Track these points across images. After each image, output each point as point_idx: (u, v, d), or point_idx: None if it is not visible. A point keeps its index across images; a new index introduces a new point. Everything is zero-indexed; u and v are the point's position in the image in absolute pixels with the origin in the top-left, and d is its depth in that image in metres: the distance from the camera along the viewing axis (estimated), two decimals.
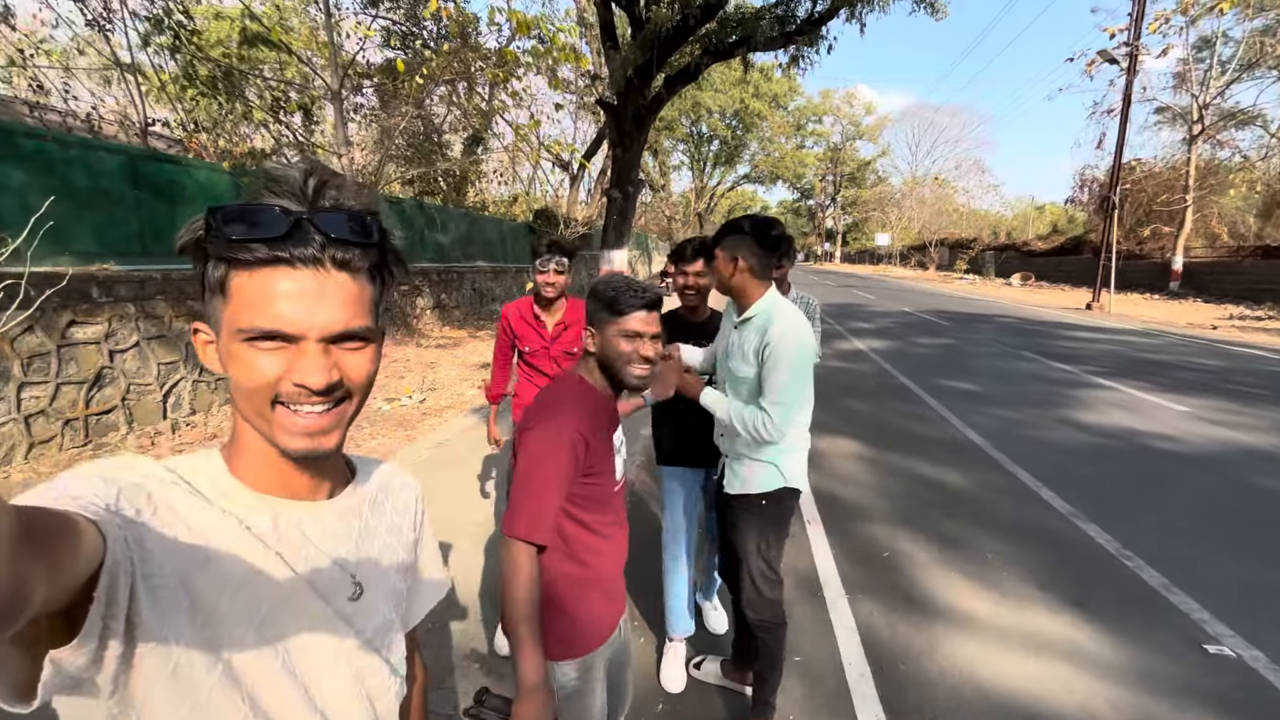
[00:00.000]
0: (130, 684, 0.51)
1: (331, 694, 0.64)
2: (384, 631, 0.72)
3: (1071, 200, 35.04)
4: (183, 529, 0.55)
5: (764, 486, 1.90)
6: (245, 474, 0.63)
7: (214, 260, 0.57)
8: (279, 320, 0.56)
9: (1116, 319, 15.71)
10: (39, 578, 0.36)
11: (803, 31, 11.28)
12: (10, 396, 4.31)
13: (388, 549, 0.75)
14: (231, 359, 0.57)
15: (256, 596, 0.59)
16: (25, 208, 4.10)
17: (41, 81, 7.44)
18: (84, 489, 0.50)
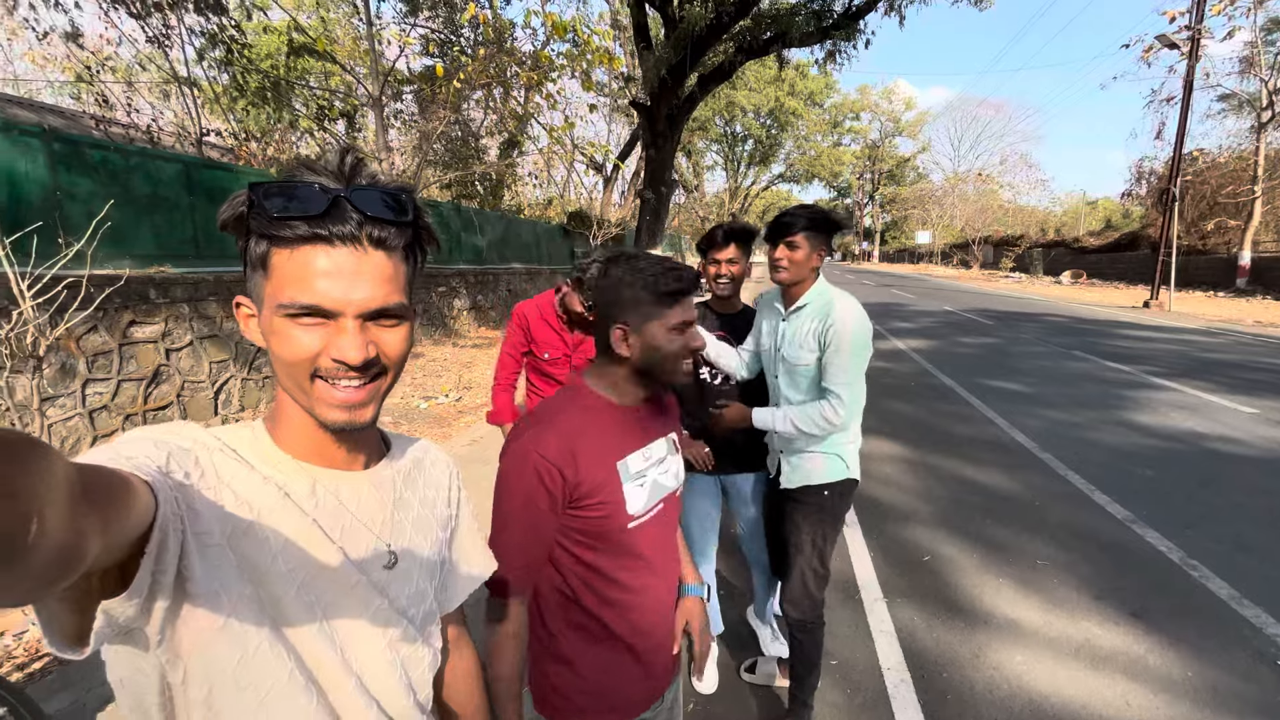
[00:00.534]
0: (178, 636, 0.53)
1: (366, 659, 0.66)
2: (418, 601, 0.73)
3: (1128, 194, 33.41)
4: (228, 493, 0.58)
5: (827, 477, 1.86)
6: (286, 443, 0.65)
7: (256, 236, 0.58)
8: (318, 296, 0.57)
9: (1177, 317, 14.90)
10: (95, 532, 0.37)
11: (839, 26, 11.09)
12: (77, 392, 4.56)
13: (421, 521, 0.76)
14: (273, 333, 0.59)
15: (295, 561, 0.61)
16: (90, 214, 4.34)
17: (107, 96, 7.89)
18: (138, 451, 0.52)
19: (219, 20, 7.85)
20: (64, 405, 4.48)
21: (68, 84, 11.94)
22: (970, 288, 26.73)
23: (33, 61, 13.17)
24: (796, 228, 1.77)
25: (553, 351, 2.32)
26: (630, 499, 1.05)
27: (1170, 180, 16.62)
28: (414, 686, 0.71)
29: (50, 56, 11.78)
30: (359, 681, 0.65)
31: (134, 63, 10.02)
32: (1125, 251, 30.59)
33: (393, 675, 0.68)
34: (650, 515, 1.09)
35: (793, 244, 1.79)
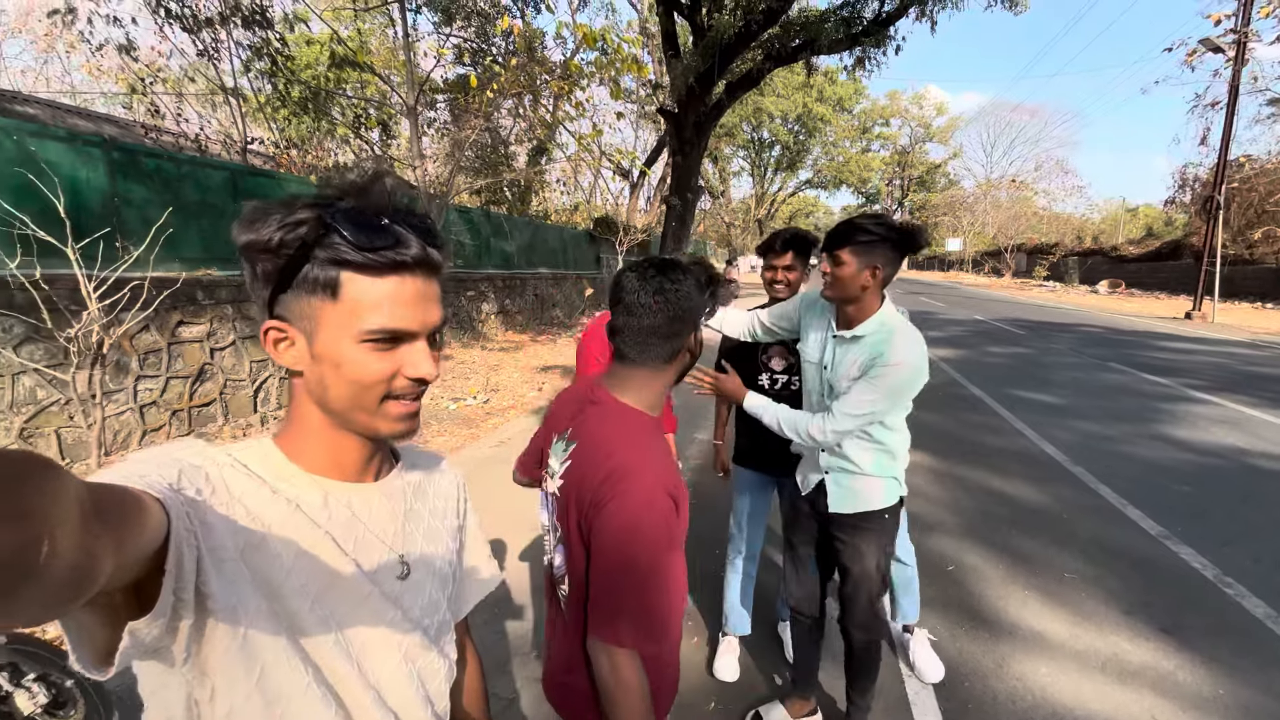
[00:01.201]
0: (203, 654, 0.55)
1: (383, 671, 0.67)
2: (431, 612, 0.74)
3: (1171, 201, 32.36)
4: (240, 509, 0.58)
5: (886, 501, 1.80)
6: (301, 457, 0.66)
7: (321, 261, 0.57)
8: (404, 320, 0.60)
9: (1220, 329, 14.38)
10: (107, 551, 0.38)
11: (869, 33, 11.03)
12: (129, 388, 4.80)
13: (432, 531, 0.77)
14: (343, 359, 0.60)
15: (308, 575, 0.61)
16: (144, 219, 4.59)
17: (158, 106, 8.27)
18: (149, 469, 0.52)
19: (265, 34, 8.19)
20: (118, 400, 4.72)
21: (120, 95, 12.51)
22: (1002, 296, 26.16)
23: (89, 73, 13.85)
24: (846, 241, 1.58)
25: None
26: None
27: (1215, 187, 16.08)
28: (431, 698, 0.72)
29: (105, 69, 12.37)
30: (377, 694, 0.66)
31: (183, 74, 10.48)
32: (1167, 260, 29.61)
33: (410, 687, 0.69)
34: None
35: (837, 259, 1.60)
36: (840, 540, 1.85)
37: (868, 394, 1.61)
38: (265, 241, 0.56)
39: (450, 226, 9.47)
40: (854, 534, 1.82)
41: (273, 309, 0.60)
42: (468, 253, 9.98)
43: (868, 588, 1.83)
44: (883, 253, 1.59)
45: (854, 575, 1.83)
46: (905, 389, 1.62)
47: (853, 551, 1.82)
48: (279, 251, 0.57)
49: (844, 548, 1.84)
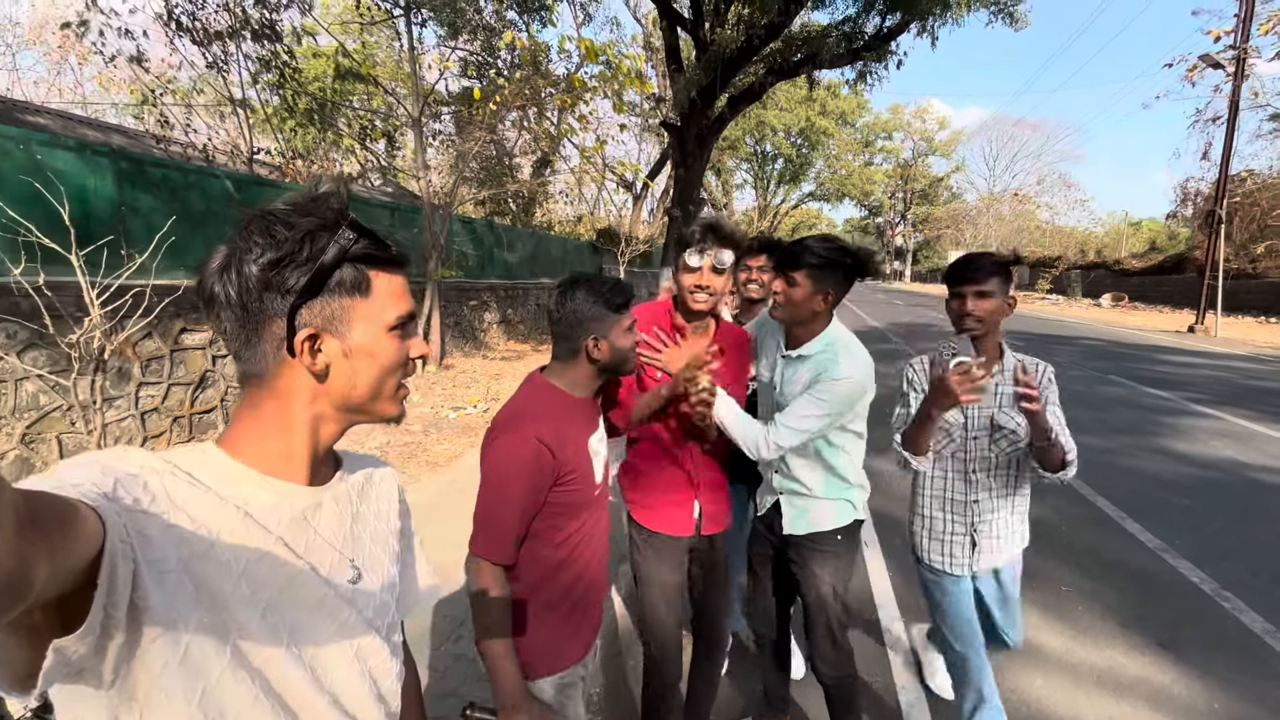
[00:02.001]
0: (133, 674, 0.51)
1: (337, 675, 0.67)
2: (382, 613, 0.74)
3: (1173, 215, 32.42)
4: (183, 517, 0.56)
5: (838, 522, 1.76)
6: (254, 459, 0.64)
7: (351, 263, 0.64)
8: (411, 307, 0.71)
9: (1223, 343, 14.34)
10: (41, 560, 0.36)
11: (871, 48, 11.15)
12: (130, 394, 4.84)
13: (379, 534, 0.78)
14: (377, 349, 0.67)
15: (260, 582, 0.60)
16: (150, 227, 4.64)
17: (168, 117, 8.39)
18: (83, 477, 0.50)
19: (273, 46, 8.32)
20: (120, 406, 4.75)
21: (130, 105, 12.69)
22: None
23: (100, 84, 14.06)
24: (800, 262, 1.57)
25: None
26: (596, 472, 1.31)
27: (1216, 202, 16.12)
28: (384, 697, 0.73)
29: (117, 79, 12.57)
30: (333, 698, 0.65)
31: (192, 86, 10.63)
32: (1170, 274, 29.59)
33: (364, 687, 0.69)
34: (603, 483, 1.35)
35: (791, 280, 1.59)
36: (794, 562, 1.82)
37: (809, 408, 1.59)
38: (303, 254, 0.60)
39: (454, 237, 9.54)
40: (808, 556, 1.78)
41: (294, 318, 0.62)
42: (471, 263, 10.04)
43: (825, 617, 1.78)
44: (835, 278, 1.59)
45: (810, 602, 1.80)
46: (847, 403, 1.60)
47: (808, 575, 1.78)
48: (311, 260, 0.61)
49: (799, 571, 1.81)
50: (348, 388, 0.66)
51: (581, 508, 1.28)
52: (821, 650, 1.82)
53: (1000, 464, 1.80)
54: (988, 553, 1.84)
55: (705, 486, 1.73)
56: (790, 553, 1.83)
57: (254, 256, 0.60)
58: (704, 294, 1.62)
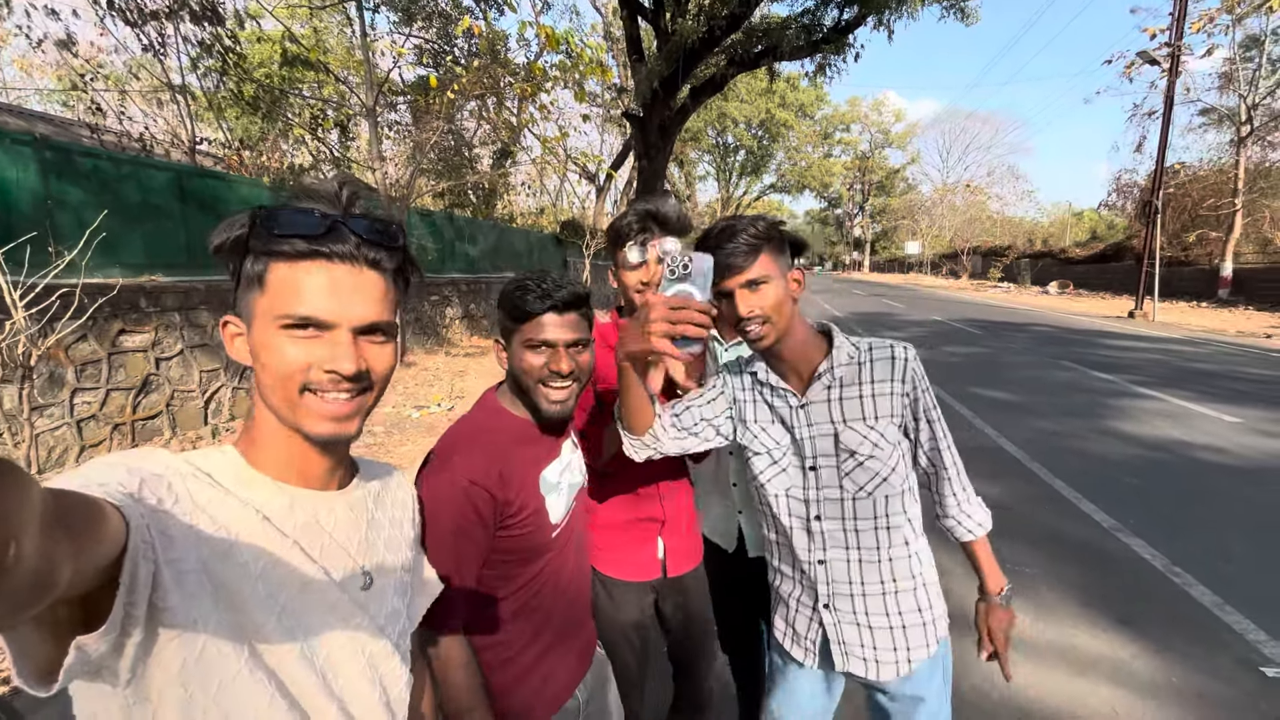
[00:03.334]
0: (148, 673, 0.52)
1: (347, 680, 0.66)
2: (394, 620, 0.75)
3: (1107, 205, 33.98)
4: (204, 519, 0.57)
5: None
6: (264, 464, 0.65)
7: (253, 255, 0.61)
8: (317, 309, 0.61)
9: (1161, 327, 15.13)
10: (67, 558, 0.37)
11: (829, 40, 11.28)
12: (64, 401, 4.52)
13: (392, 541, 0.78)
14: (265, 347, 0.62)
15: (276, 585, 0.60)
16: (81, 223, 4.33)
17: (100, 104, 7.87)
18: (109, 476, 0.51)
19: (214, 29, 7.87)
20: (52, 415, 4.44)
21: (57, 91, 11.89)
22: (960, 297, 27.01)
23: (21, 68, 13.11)
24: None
25: None
26: (552, 510, 1.08)
27: (1153, 193, 16.93)
28: (392, 705, 0.72)
29: (39, 63, 11.73)
30: (341, 704, 0.65)
31: (127, 70, 10.00)
32: (1111, 262, 31.07)
33: (373, 694, 0.69)
34: (569, 517, 1.14)
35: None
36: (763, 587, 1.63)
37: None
38: (219, 243, 0.62)
39: (412, 230, 9.26)
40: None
41: (235, 306, 0.64)
42: (430, 257, 9.77)
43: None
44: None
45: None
46: None
47: None
48: (228, 252, 0.62)
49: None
50: (260, 387, 0.64)
51: (536, 553, 1.07)
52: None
53: (859, 510, 1.16)
54: (853, 645, 1.21)
55: (671, 522, 1.50)
56: (759, 577, 1.64)
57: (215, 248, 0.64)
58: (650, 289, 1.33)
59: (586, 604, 1.24)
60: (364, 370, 0.64)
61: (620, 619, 1.48)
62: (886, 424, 1.14)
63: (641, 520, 1.48)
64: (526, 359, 1.04)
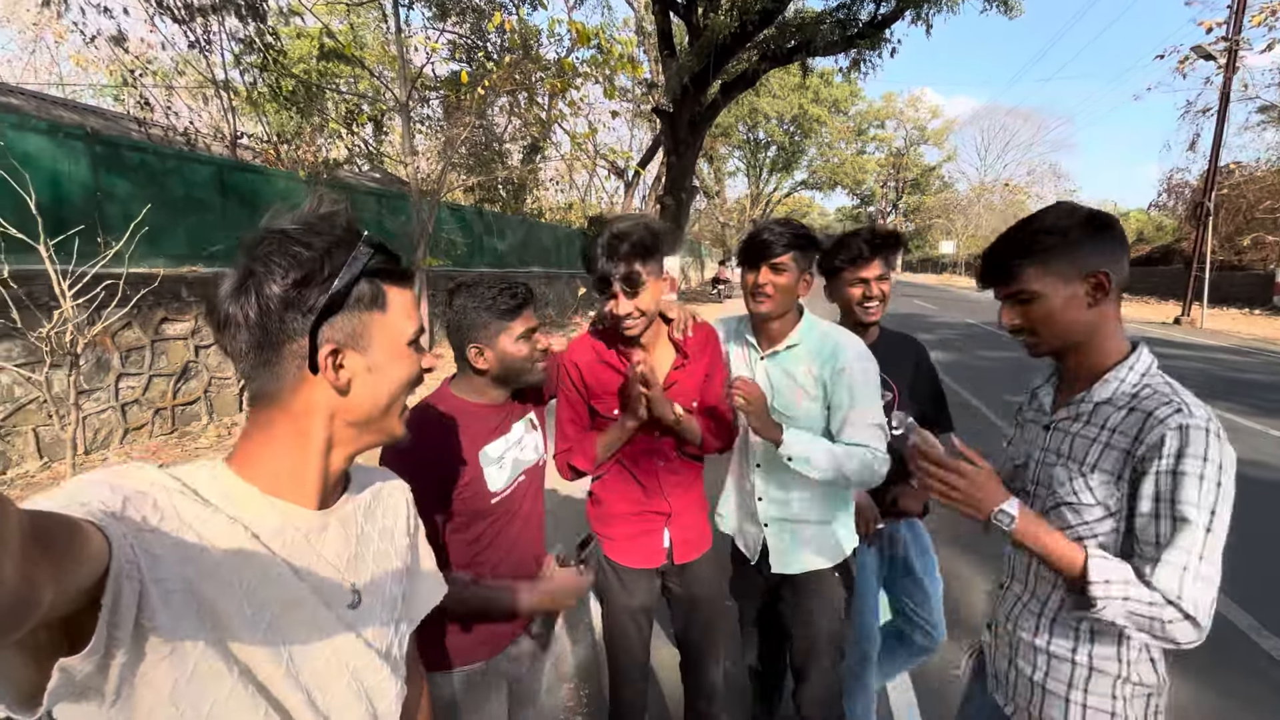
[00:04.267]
0: (136, 694, 0.51)
1: (334, 696, 0.66)
2: (382, 636, 0.74)
3: (1158, 206, 32.62)
4: (190, 535, 0.56)
5: (838, 555, 1.58)
6: (263, 480, 0.65)
7: (369, 279, 0.66)
8: (422, 322, 0.73)
9: (1208, 335, 14.50)
10: (46, 580, 0.37)
11: (864, 35, 11.04)
12: (110, 386, 4.73)
13: (382, 555, 0.77)
14: (399, 363, 0.69)
15: (263, 603, 0.60)
16: (128, 215, 4.51)
17: (148, 99, 8.16)
18: (91, 495, 0.51)
19: (257, 25, 8.09)
20: (99, 399, 4.65)
21: (109, 86, 12.36)
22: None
23: (77, 64, 13.67)
24: (782, 247, 1.44)
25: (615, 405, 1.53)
26: (491, 480, 1.26)
27: (1205, 193, 16.22)
28: (379, 717, 0.72)
29: (94, 59, 12.23)
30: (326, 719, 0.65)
31: (174, 66, 10.35)
32: (1158, 265, 29.84)
33: (359, 708, 0.69)
34: (512, 488, 1.30)
35: (779, 267, 1.45)
36: (786, 603, 1.63)
37: (868, 403, 1.45)
38: (323, 272, 0.62)
39: (442, 224, 9.40)
40: (801, 595, 1.60)
41: (316, 335, 0.62)
42: (460, 251, 9.91)
43: (820, 661, 1.60)
44: (810, 257, 1.50)
45: (803, 642, 1.61)
46: (876, 377, 1.50)
47: (802, 616, 1.60)
48: (332, 277, 0.62)
49: (790, 610, 1.62)
50: (370, 403, 0.67)
51: (476, 516, 1.25)
52: (812, 694, 1.63)
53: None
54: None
55: (677, 512, 1.56)
56: (783, 590, 1.64)
57: (275, 277, 0.60)
58: (634, 320, 1.37)
59: (530, 569, 1.33)
60: None
61: (631, 604, 1.57)
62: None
63: (648, 512, 1.55)
64: (522, 350, 1.25)
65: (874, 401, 1.47)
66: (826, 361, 1.48)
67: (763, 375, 1.56)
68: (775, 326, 1.54)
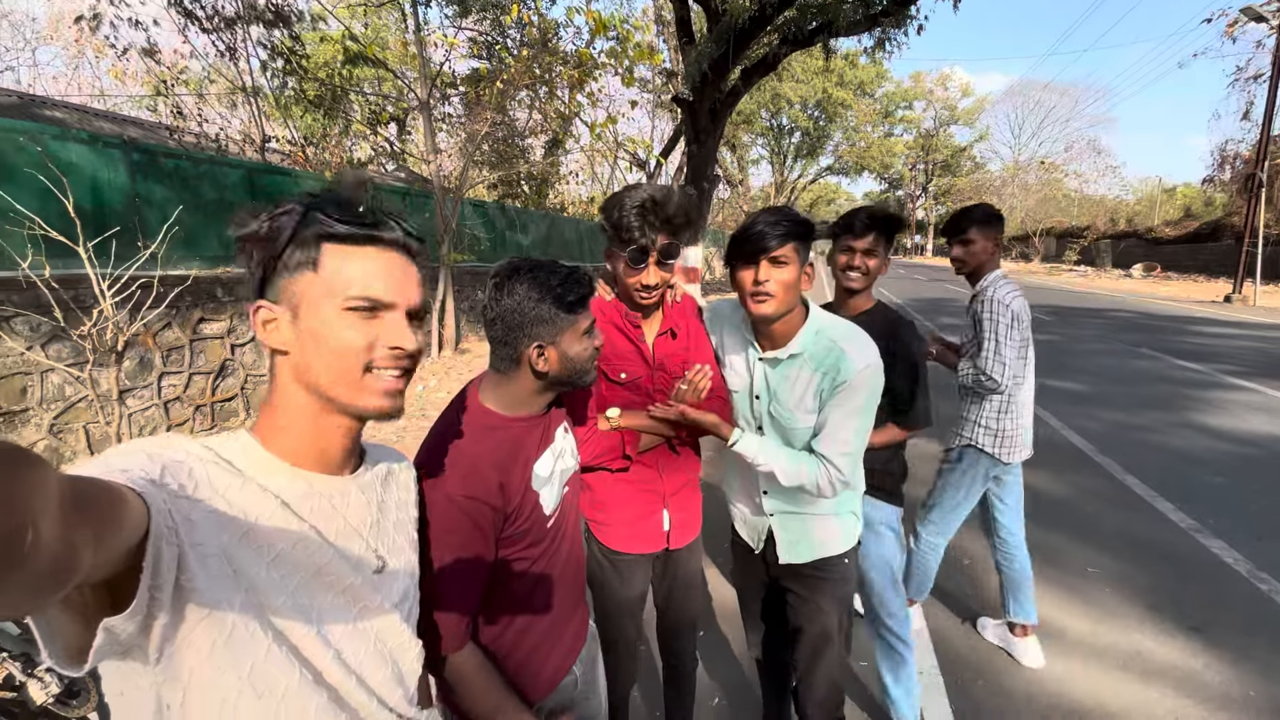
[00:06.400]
0: (178, 653, 0.54)
1: (363, 657, 0.69)
2: (405, 598, 0.77)
3: (1209, 180, 31.07)
4: (222, 503, 0.59)
5: (847, 544, 1.53)
6: (282, 449, 0.67)
7: (300, 241, 0.64)
8: (384, 291, 0.65)
9: (1263, 313, 13.79)
10: (87, 544, 0.38)
11: (889, 13, 10.73)
12: (153, 384, 4.92)
13: (400, 524, 0.80)
14: (325, 327, 0.64)
15: (292, 567, 0.62)
16: (164, 218, 4.67)
17: (181, 107, 8.43)
18: (131, 464, 0.53)
19: (282, 32, 8.27)
20: (142, 396, 4.84)
21: (146, 96, 12.78)
22: (1029, 282, 25.46)
23: (115, 77, 14.19)
24: (781, 239, 1.29)
25: (630, 370, 1.48)
26: (546, 502, 1.08)
27: (1257, 165, 15.39)
28: (404, 676, 0.75)
29: (131, 72, 12.67)
30: (358, 679, 0.67)
31: (205, 75, 10.64)
32: (1206, 242, 28.47)
33: (385, 668, 0.71)
34: (562, 504, 1.13)
35: (780, 260, 1.30)
36: (794, 594, 1.57)
37: (852, 419, 1.35)
38: (257, 230, 0.63)
39: (466, 221, 9.50)
40: (809, 587, 1.54)
41: (263, 293, 0.65)
42: (483, 247, 10.01)
43: (828, 655, 1.54)
44: (808, 249, 1.35)
45: (809, 637, 1.55)
46: (878, 393, 1.37)
47: (810, 609, 1.54)
48: (269, 238, 0.63)
49: (798, 603, 1.57)
50: (316, 368, 0.65)
51: (532, 545, 1.06)
52: (816, 693, 1.57)
53: None
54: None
55: (674, 494, 1.54)
56: (787, 581, 1.59)
57: (244, 252, 0.65)
58: (652, 290, 1.38)
59: (582, 586, 1.25)
60: (421, 348, 0.68)
61: (628, 595, 1.54)
62: None
63: (647, 492, 1.51)
64: (583, 347, 1.06)
65: (857, 416, 1.35)
66: (828, 373, 1.35)
67: (760, 377, 1.45)
68: (776, 328, 1.38)
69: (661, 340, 1.49)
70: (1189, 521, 3.47)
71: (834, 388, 1.34)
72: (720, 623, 2.58)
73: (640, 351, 1.47)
